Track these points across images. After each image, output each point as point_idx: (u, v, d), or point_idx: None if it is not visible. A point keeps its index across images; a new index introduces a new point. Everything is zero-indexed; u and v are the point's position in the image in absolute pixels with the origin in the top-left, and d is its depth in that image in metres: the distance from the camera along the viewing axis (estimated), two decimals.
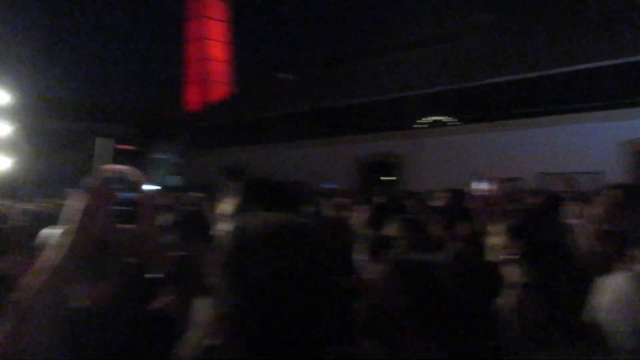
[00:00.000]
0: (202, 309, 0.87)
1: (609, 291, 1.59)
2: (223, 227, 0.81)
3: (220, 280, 0.72)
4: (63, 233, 1.02)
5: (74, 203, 1.04)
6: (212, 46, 27.88)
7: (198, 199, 5.64)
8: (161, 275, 1.21)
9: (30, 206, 4.47)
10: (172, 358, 0.95)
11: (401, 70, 15.50)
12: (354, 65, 17.86)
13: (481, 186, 3.36)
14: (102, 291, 1.17)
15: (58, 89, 16.97)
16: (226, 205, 1.36)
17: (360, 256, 1.94)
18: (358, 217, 3.46)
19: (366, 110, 15.24)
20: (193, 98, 26.64)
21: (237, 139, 18.91)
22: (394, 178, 14.09)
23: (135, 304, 1.20)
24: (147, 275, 1.20)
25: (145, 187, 1.14)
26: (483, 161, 10.43)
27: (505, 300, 1.49)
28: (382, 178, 14.41)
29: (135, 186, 1.12)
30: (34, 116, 15.52)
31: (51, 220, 1.64)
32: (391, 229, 2.36)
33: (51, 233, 2.54)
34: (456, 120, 13.30)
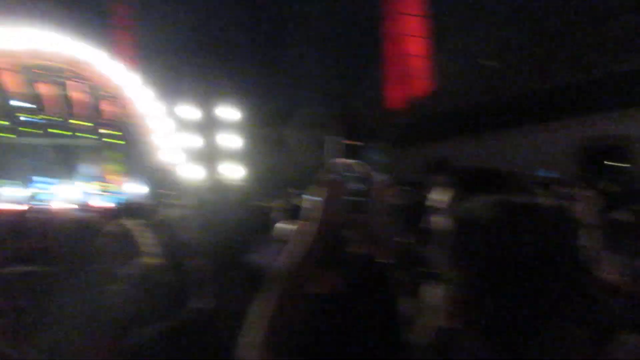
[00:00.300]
0: (431, 294, 0.89)
1: None
2: (438, 219, 0.81)
3: (453, 265, 0.73)
4: (302, 225, 1.13)
5: (312, 198, 1.15)
6: (411, 42, 27.95)
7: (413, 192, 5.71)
8: (392, 263, 1.26)
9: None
10: (403, 342, 0.98)
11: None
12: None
13: None
14: (337, 280, 1.26)
15: (277, 100, 18.82)
16: (439, 197, 1.36)
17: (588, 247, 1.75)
18: (583, 206, 3.12)
19: (592, 88, 13.38)
20: (395, 95, 27.09)
21: (442, 132, 18.63)
22: (627, 164, 12.21)
23: (369, 293, 1.26)
24: (378, 263, 1.26)
25: (375, 177, 1.20)
26: None
27: None
28: (609, 164, 12.61)
29: (364, 178, 1.18)
30: (262, 127, 17.57)
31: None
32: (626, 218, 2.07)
33: (285, 227, 2.89)
34: None
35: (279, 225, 2.71)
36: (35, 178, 17.94)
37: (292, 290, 1.06)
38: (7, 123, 18.10)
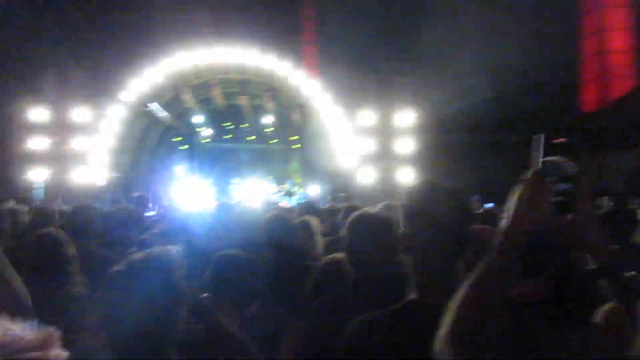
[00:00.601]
0: None
1: None
2: None
3: None
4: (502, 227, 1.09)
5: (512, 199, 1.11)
6: (612, 37, 24.80)
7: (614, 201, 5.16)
8: (596, 267, 1.16)
9: None
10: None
11: None
12: None
13: None
14: (539, 286, 1.21)
15: (451, 105, 18.34)
16: None
17: None
18: None
19: None
20: (590, 97, 24.30)
21: None
22: None
23: (571, 301, 1.18)
24: (586, 268, 1.18)
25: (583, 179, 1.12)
26: None
27: None
28: None
29: (572, 178, 1.12)
30: (437, 132, 17.29)
31: None
32: None
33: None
34: None
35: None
36: (233, 179, 20.29)
37: (489, 292, 1.04)
38: (212, 131, 20.81)
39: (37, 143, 14.55)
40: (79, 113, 14.89)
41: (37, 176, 14.48)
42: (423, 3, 17.21)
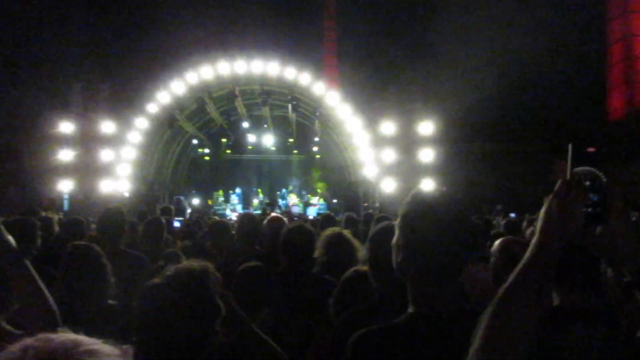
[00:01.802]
0: None
1: None
2: None
3: None
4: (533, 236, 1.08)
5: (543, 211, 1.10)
6: (639, 43, 24.35)
7: None
8: (631, 279, 1.14)
9: None
10: None
11: None
12: None
13: None
14: (572, 296, 1.19)
15: (471, 114, 18.19)
16: None
17: None
18: None
19: None
20: (616, 104, 23.85)
21: None
22: None
23: (604, 313, 1.16)
24: (620, 280, 1.16)
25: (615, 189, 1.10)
26: None
27: None
28: None
29: (602, 187, 1.10)
30: (456, 141, 17.16)
31: None
32: None
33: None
34: None
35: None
36: (255, 190, 20.42)
37: (521, 305, 1.03)
38: (228, 141, 20.97)
39: (65, 155, 14.90)
40: (105, 125, 15.21)
41: (64, 187, 14.81)
42: (445, 14, 17.18)
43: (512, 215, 9.04)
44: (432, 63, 16.73)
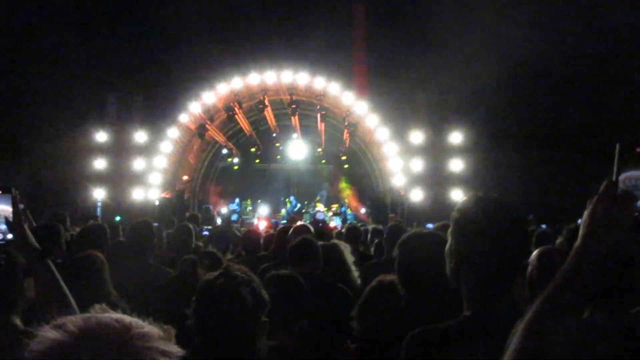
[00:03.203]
0: None
1: None
2: None
3: None
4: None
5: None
6: None
7: None
8: None
9: None
10: None
11: None
12: None
13: None
14: (614, 306, 1.13)
15: (507, 122, 17.87)
16: None
17: None
18: None
19: None
20: None
21: None
22: None
23: None
24: None
25: None
26: None
27: None
28: None
29: None
30: (486, 150, 16.87)
31: None
32: None
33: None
34: None
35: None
36: (282, 199, 20.50)
37: (561, 313, 0.98)
38: (257, 151, 21.14)
39: (99, 164, 15.30)
40: (138, 135, 15.56)
41: (98, 195, 15.19)
42: (473, 20, 16.99)
43: (543, 226, 8.78)
44: (462, 72, 16.53)
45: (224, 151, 20.20)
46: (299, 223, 5.28)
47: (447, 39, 17.41)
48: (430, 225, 6.27)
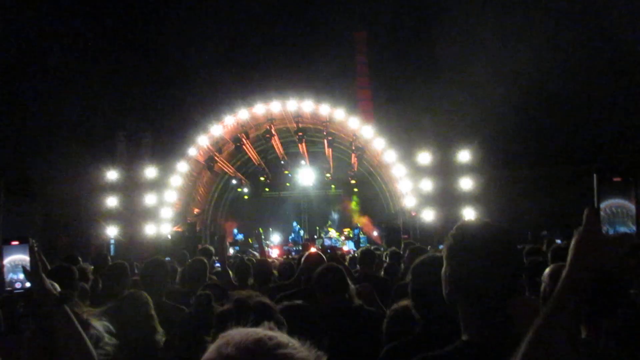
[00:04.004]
0: None
1: None
2: None
3: None
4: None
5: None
6: None
7: None
8: None
9: None
10: None
11: None
12: None
13: None
14: (609, 326, 1.15)
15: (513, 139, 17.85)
16: None
17: None
18: None
19: None
20: None
21: None
22: None
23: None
24: None
25: None
26: None
27: None
28: None
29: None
30: (496, 168, 16.82)
31: None
32: None
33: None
34: None
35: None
36: (296, 226, 20.48)
37: (556, 336, 1.00)
38: (266, 179, 21.23)
39: (110, 201, 15.45)
40: (148, 171, 15.73)
41: (111, 232, 15.28)
42: (480, 42, 17.19)
43: (558, 241, 8.69)
44: (467, 90, 16.65)
45: (234, 182, 20.34)
46: (312, 249, 5.26)
47: (450, 60, 17.60)
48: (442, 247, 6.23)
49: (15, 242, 1.77)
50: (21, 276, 1.74)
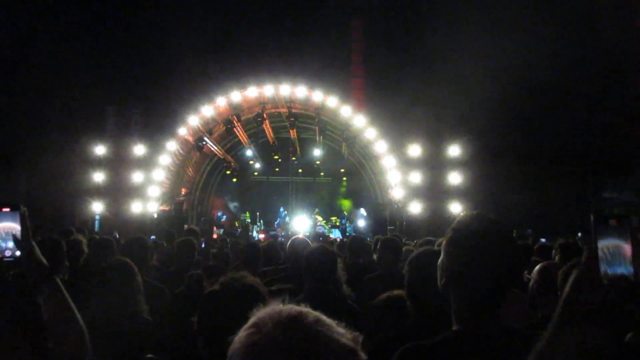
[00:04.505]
0: None
1: None
2: None
3: None
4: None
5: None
6: None
7: None
8: None
9: None
10: None
11: None
12: None
13: None
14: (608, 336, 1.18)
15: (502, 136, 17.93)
16: None
17: None
18: None
19: None
20: None
21: None
22: None
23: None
24: None
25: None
26: None
27: None
28: None
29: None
30: (484, 163, 16.91)
31: None
32: None
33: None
34: None
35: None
36: (282, 211, 20.47)
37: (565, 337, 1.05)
38: (261, 165, 21.19)
39: (97, 177, 15.29)
40: (137, 148, 15.57)
41: (96, 208, 15.15)
42: (473, 36, 17.13)
43: (543, 240, 8.80)
44: (459, 84, 16.65)
45: (223, 164, 20.24)
46: (298, 236, 5.25)
47: (444, 52, 17.56)
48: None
49: (6, 209, 1.71)
50: (10, 244, 1.70)
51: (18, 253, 1.70)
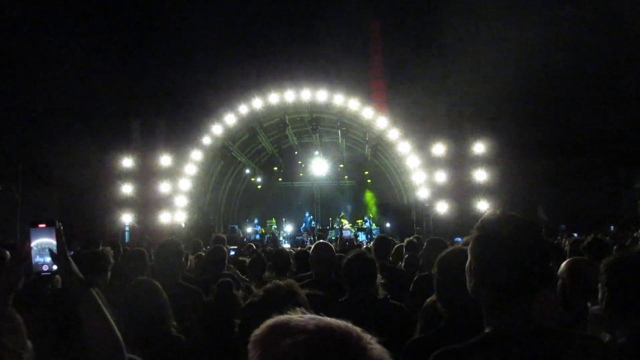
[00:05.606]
0: None
1: None
2: None
3: None
4: None
5: None
6: None
7: None
8: None
9: None
10: None
11: None
12: None
13: None
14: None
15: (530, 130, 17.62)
16: None
17: None
18: None
19: None
20: None
21: None
22: None
23: None
24: None
25: None
26: None
27: None
28: None
29: None
30: (512, 159, 16.63)
31: None
32: None
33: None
34: None
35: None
36: (308, 216, 20.49)
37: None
38: (280, 169, 21.25)
39: (126, 189, 15.57)
40: (163, 159, 15.80)
41: (125, 219, 15.42)
42: (495, 33, 16.94)
43: (575, 235, 8.59)
44: (481, 78, 16.45)
45: (247, 171, 20.38)
46: (320, 241, 5.23)
47: (465, 50, 17.38)
48: (458, 239, 6.19)
49: (42, 225, 1.77)
50: (48, 259, 1.76)
51: (55, 267, 1.75)
